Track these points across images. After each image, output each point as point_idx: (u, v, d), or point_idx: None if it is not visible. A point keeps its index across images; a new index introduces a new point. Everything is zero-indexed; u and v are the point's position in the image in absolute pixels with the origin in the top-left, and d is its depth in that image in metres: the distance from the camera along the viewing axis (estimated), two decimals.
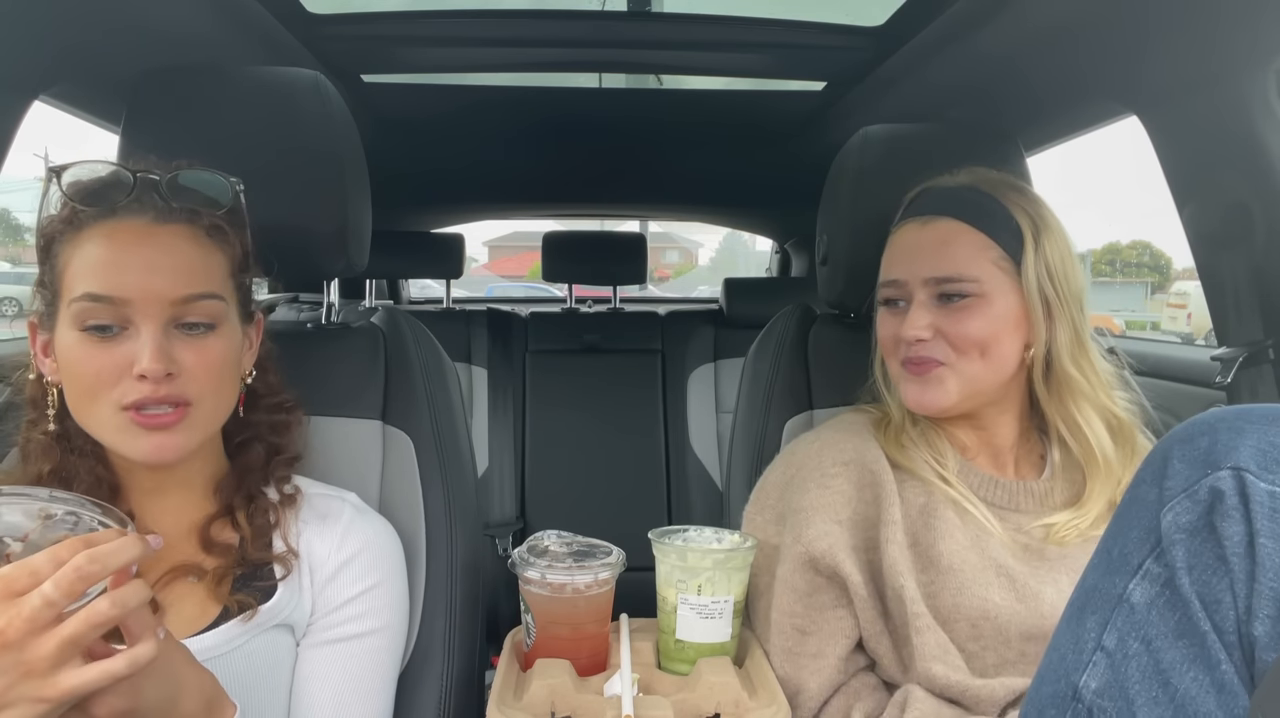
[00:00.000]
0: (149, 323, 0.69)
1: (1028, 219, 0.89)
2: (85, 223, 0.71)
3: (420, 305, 3.17)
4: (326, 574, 0.80)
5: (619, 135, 1.94)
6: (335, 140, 0.92)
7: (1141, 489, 0.56)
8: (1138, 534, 0.55)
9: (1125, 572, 0.55)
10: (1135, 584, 0.54)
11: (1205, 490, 0.52)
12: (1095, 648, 0.55)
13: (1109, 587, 0.56)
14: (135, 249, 0.70)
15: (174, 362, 0.70)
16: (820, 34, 1.30)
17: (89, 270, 0.69)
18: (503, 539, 2.09)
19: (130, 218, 0.71)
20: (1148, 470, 0.57)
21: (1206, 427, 0.54)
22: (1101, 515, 0.88)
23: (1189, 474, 0.53)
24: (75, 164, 0.71)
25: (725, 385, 2.27)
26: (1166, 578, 0.53)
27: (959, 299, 0.87)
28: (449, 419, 1.00)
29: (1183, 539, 0.52)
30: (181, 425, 0.71)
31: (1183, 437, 0.55)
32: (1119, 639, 0.54)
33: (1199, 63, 1.03)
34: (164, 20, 1.01)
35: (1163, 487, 0.54)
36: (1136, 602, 0.54)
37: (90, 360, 0.69)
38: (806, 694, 0.85)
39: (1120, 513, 0.58)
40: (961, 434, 0.94)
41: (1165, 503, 0.54)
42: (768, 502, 0.96)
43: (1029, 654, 0.81)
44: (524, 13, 1.30)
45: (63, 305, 0.70)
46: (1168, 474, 0.54)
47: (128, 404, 0.69)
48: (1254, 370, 1.09)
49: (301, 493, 0.83)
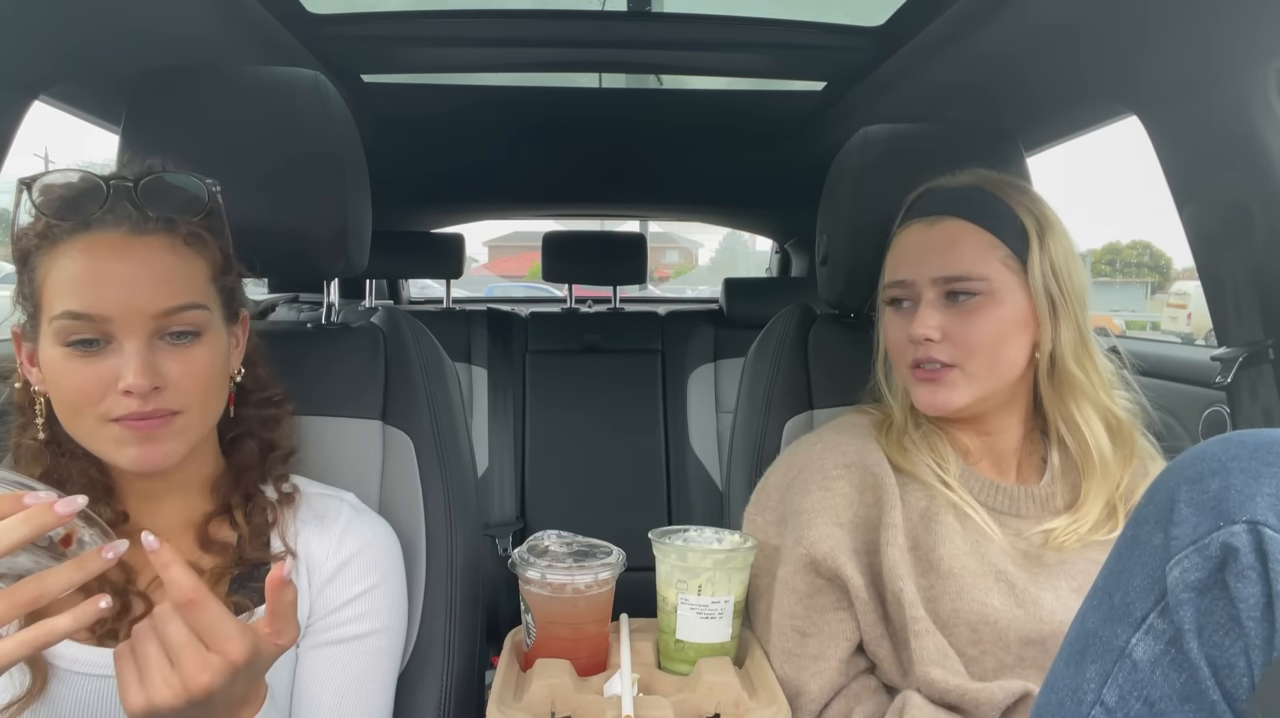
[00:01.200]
0: (132, 338, 0.68)
1: (1032, 218, 0.89)
2: (60, 236, 0.69)
3: (420, 305, 3.17)
4: (325, 576, 0.79)
5: (619, 135, 1.94)
6: (335, 141, 0.92)
7: (1144, 530, 0.52)
8: (1141, 583, 0.51)
9: (1127, 623, 0.52)
10: (1138, 639, 0.51)
11: (1217, 546, 0.47)
12: (1095, 702, 0.52)
13: (1110, 636, 0.53)
14: (113, 264, 0.68)
15: (159, 374, 0.68)
16: (820, 34, 1.30)
17: (67, 287, 0.67)
18: (503, 539, 2.09)
19: (105, 230, 0.69)
20: (1150, 509, 0.52)
21: (1218, 464, 0.49)
22: (1100, 519, 0.88)
23: (1198, 523, 0.48)
24: (45, 174, 0.70)
25: (725, 385, 2.27)
26: (1172, 636, 0.49)
27: (967, 299, 0.87)
28: (449, 419, 1.00)
29: (1191, 599, 0.48)
30: (170, 433, 0.70)
31: (1191, 475, 0.50)
32: (1120, 697, 0.51)
33: (1199, 62, 1.03)
34: (164, 20, 1.01)
35: (1169, 533, 0.50)
36: (1139, 658, 0.51)
37: (74, 376, 0.67)
38: (808, 697, 0.85)
39: (1120, 552, 0.54)
40: (965, 438, 0.94)
41: (1172, 555, 0.49)
42: (768, 503, 0.96)
43: (1028, 659, 0.81)
44: (524, 13, 1.30)
45: (44, 321, 0.69)
46: (1174, 520, 0.50)
47: (114, 418, 0.68)
48: (1254, 370, 1.09)
49: (299, 492, 0.82)
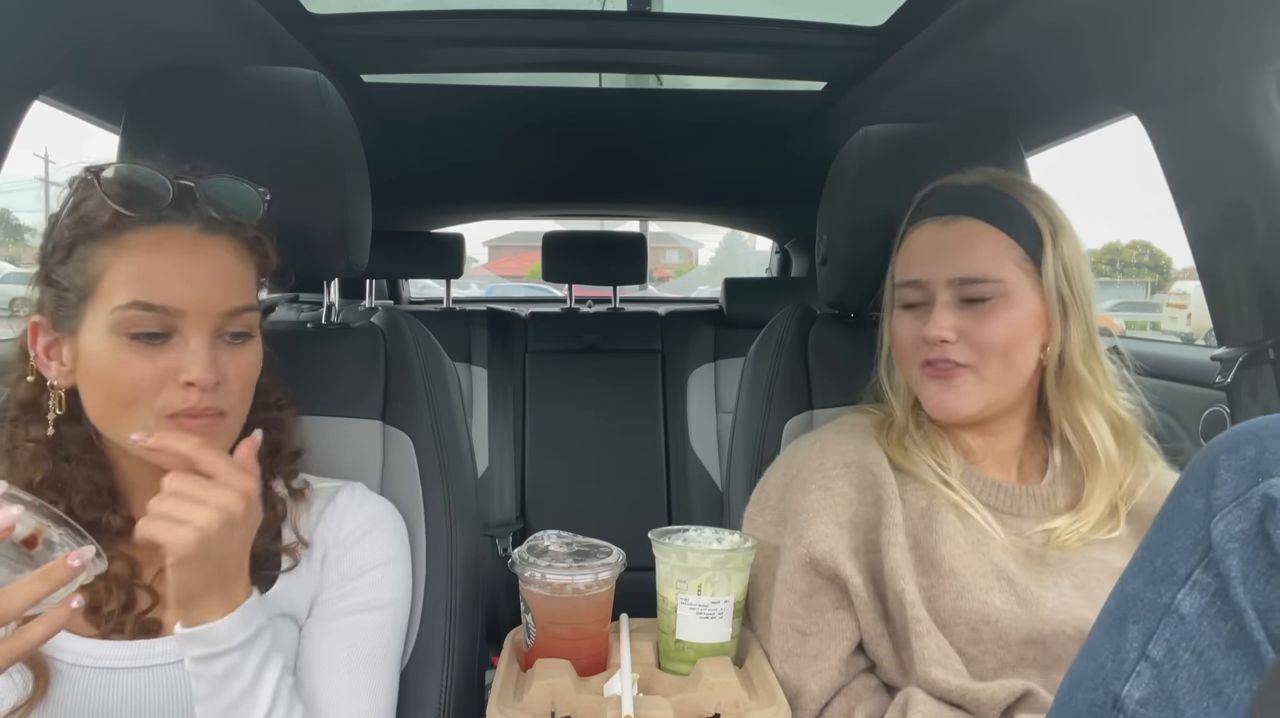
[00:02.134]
0: (198, 333, 0.70)
1: (1045, 218, 0.88)
2: (126, 228, 0.70)
3: (420, 305, 3.17)
4: (340, 550, 0.81)
5: (619, 135, 1.94)
6: (335, 140, 0.92)
7: (1185, 499, 0.56)
8: (1184, 544, 0.55)
9: (1172, 582, 0.55)
10: (1184, 595, 0.54)
11: (1258, 498, 0.51)
12: (1139, 658, 0.55)
13: (1153, 597, 0.55)
14: (188, 259, 0.70)
15: (220, 372, 0.71)
16: (820, 34, 1.30)
17: (138, 279, 0.69)
18: (503, 539, 2.09)
19: (178, 227, 0.71)
20: (1191, 480, 0.56)
21: (1252, 436, 0.54)
22: (1102, 518, 0.88)
23: (1238, 483, 0.52)
24: (114, 165, 0.71)
25: (725, 385, 2.27)
26: (1218, 588, 0.52)
27: (983, 302, 0.86)
28: (449, 419, 1.00)
29: (1236, 548, 0.52)
30: (214, 434, 0.72)
31: (1228, 446, 0.54)
32: (1168, 650, 0.54)
33: (1199, 63, 1.03)
34: (164, 20, 1.01)
35: (1210, 496, 0.53)
36: (1186, 612, 0.54)
37: (131, 368, 0.68)
38: (808, 696, 0.85)
39: (1162, 523, 0.58)
40: (967, 438, 0.94)
41: (1215, 512, 0.53)
42: (768, 502, 0.96)
43: (1029, 659, 0.81)
44: (524, 13, 1.30)
45: (95, 310, 0.69)
46: (1215, 484, 0.53)
47: (170, 413, 0.69)
48: (1254, 370, 1.09)
49: (310, 486, 0.84)
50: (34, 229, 14.11)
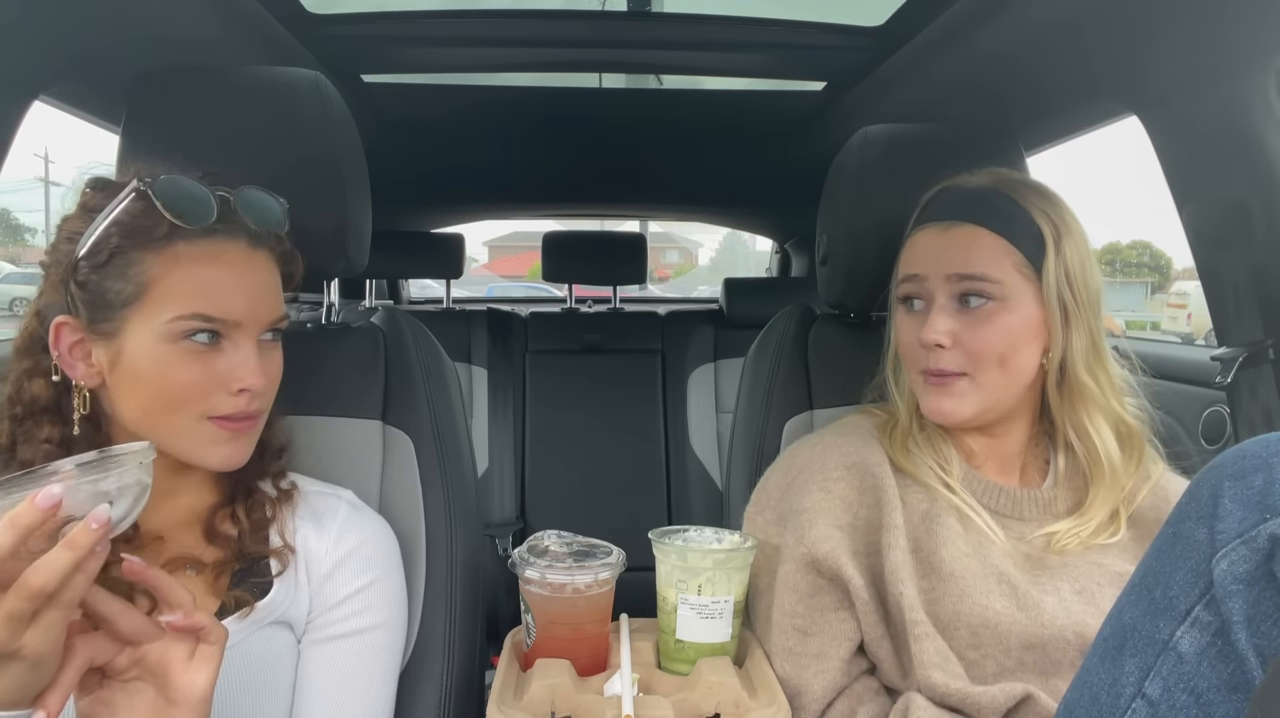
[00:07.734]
0: (248, 340, 0.73)
1: (1049, 223, 0.87)
2: (179, 238, 0.70)
3: (420, 305, 3.17)
4: (323, 572, 0.80)
5: (619, 135, 1.94)
6: (335, 140, 0.92)
7: (1187, 527, 0.53)
8: (1184, 577, 0.52)
9: (1171, 617, 0.52)
10: (1183, 632, 0.52)
11: (1264, 538, 0.49)
12: (1136, 694, 0.53)
13: (1151, 630, 0.53)
14: (243, 272, 0.73)
15: (266, 376, 0.75)
16: (820, 34, 1.30)
17: (196, 292, 0.70)
18: (503, 539, 2.09)
19: (230, 239, 0.73)
20: (1193, 507, 0.53)
21: (1260, 462, 0.51)
22: (1103, 524, 0.87)
23: (1244, 517, 0.50)
24: (165, 178, 0.70)
25: (725, 385, 2.27)
26: (1219, 628, 0.50)
27: (980, 304, 0.86)
28: (449, 419, 1.00)
29: (1240, 590, 0.49)
30: (253, 433, 0.76)
31: (1234, 473, 0.51)
32: (1164, 689, 0.52)
33: (1199, 63, 1.03)
34: (164, 21, 1.01)
35: (1214, 528, 0.51)
36: (1185, 651, 0.51)
37: (187, 372, 0.70)
38: (810, 696, 0.85)
39: (1161, 549, 0.55)
40: (970, 440, 0.93)
41: (1218, 548, 0.50)
42: (769, 503, 0.96)
43: (1028, 663, 0.80)
44: (524, 13, 1.30)
45: (143, 315, 0.69)
46: (1219, 515, 0.51)
47: (215, 415, 0.72)
48: (1254, 370, 1.09)
49: (298, 490, 0.83)
50: (34, 229, 13.82)
